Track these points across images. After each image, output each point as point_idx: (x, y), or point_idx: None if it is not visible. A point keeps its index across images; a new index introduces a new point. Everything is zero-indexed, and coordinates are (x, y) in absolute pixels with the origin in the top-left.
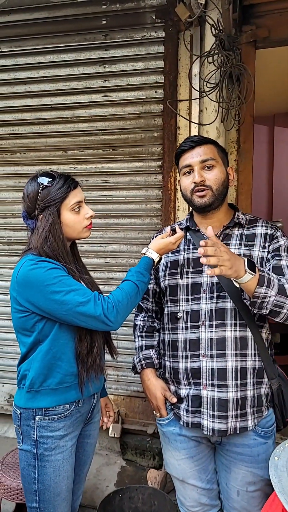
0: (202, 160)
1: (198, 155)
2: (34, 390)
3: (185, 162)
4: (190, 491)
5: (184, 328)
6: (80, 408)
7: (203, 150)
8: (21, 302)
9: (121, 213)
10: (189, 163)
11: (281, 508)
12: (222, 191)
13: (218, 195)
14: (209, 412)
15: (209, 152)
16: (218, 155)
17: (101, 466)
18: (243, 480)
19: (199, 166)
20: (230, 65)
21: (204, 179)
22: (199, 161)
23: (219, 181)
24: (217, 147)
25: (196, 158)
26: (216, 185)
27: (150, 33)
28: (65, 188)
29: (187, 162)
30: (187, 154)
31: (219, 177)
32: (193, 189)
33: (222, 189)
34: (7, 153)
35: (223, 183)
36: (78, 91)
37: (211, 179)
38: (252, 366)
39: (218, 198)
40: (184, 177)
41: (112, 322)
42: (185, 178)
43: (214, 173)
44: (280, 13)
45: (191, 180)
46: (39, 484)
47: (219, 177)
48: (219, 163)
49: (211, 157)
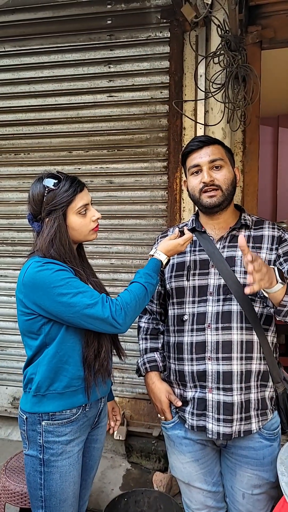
0: (211, 160)
1: (207, 155)
2: (40, 394)
3: (193, 162)
4: (196, 494)
5: (190, 331)
6: (87, 412)
7: (211, 150)
8: (27, 305)
9: (126, 214)
10: (197, 162)
11: None
12: (231, 191)
13: (227, 195)
14: (214, 415)
15: (217, 152)
16: (226, 155)
17: (106, 469)
18: (249, 483)
19: (208, 166)
20: (236, 65)
21: (213, 178)
22: (208, 161)
23: (228, 181)
24: (224, 147)
25: (204, 158)
26: (226, 185)
27: (156, 33)
28: (71, 191)
29: (195, 162)
30: (195, 154)
31: (228, 177)
32: (201, 189)
33: (231, 189)
34: (11, 153)
35: (232, 183)
36: (83, 91)
37: (220, 179)
38: (257, 369)
39: (227, 198)
40: (192, 177)
41: (120, 325)
42: (193, 178)
43: (223, 173)
44: (286, 14)
45: (199, 180)
46: (45, 490)
47: (228, 177)
48: (227, 163)
49: (220, 157)
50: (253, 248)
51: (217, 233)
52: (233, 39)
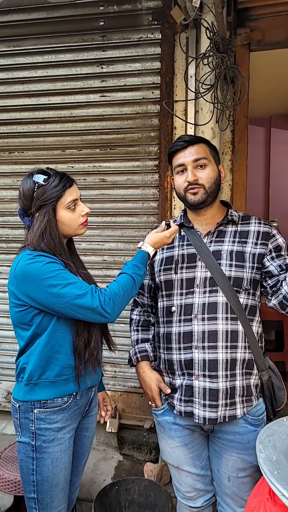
0: (195, 159)
1: (191, 155)
2: (32, 382)
3: (178, 161)
4: (185, 477)
5: (178, 321)
6: (78, 401)
7: (196, 150)
8: (19, 296)
9: (118, 212)
10: (182, 162)
11: (267, 490)
12: (214, 189)
13: (210, 192)
14: (201, 401)
15: (202, 151)
16: (210, 154)
17: (98, 460)
18: (234, 466)
19: (192, 165)
20: (224, 67)
21: (197, 177)
22: (192, 160)
23: (212, 179)
24: (209, 146)
25: (189, 157)
26: (209, 183)
27: (147, 35)
28: (60, 187)
29: (180, 161)
30: (180, 153)
31: (212, 176)
32: (186, 187)
33: (214, 187)
34: (5, 151)
35: (215, 181)
36: (76, 91)
37: (204, 177)
38: (242, 358)
39: (210, 196)
40: (178, 176)
41: (109, 314)
42: (178, 177)
43: (206, 172)
44: (273, 17)
45: (184, 179)
46: (37, 475)
47: (212, 176)
48: (211, 162)
49: (204, 156)
50: (239, 243)
51: (205, 228)
52: (221, 41)
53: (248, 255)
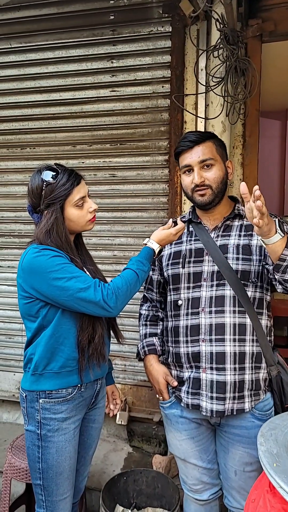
0: (201, 160)
1: (197, 156)
2: (38, 373)
3: (184, 162)
4: (192, 470)
5: (185, 315)
6: (83, 393)
7: (202, 150)
8: (26, 289)
9: (128, 207)
10: (188, 163)
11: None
12: (221, 188)
13: (218, 192)
14: (208, 394)
15: (208, 151)
16: (217, 152)
17: (108, 452)
18: (240, 460)
19: (198, 166)
20: (234, 59)
21: (204, 179)
22: (198, 161)
23: (219, 179)
24: (216, 143)
25: (195, 158)
26: (216, 184)
27: (157, 28)
28: (68, 185)
29: (186, 162)
30: (186, 154)
31: (218, 175)
32: (193, 188)
33: (221, 187)
34: (18, 147)
35: (222, 181)
36: (86, 86)
37: (211, 178)
38: (251, 351)
39: (217, 196)
40: (185, 176)
41: (111, 308)
42: (185, 177)
43: (213, 172)
44: (286, 7)
45: (191, 180)
46: (42, 463)
47: (218, 175)
48: (218, 161)
49: (210, 157)
50: (245, 236)
51: (212, 223)
52: (231, 33)
53: (255, 247)
